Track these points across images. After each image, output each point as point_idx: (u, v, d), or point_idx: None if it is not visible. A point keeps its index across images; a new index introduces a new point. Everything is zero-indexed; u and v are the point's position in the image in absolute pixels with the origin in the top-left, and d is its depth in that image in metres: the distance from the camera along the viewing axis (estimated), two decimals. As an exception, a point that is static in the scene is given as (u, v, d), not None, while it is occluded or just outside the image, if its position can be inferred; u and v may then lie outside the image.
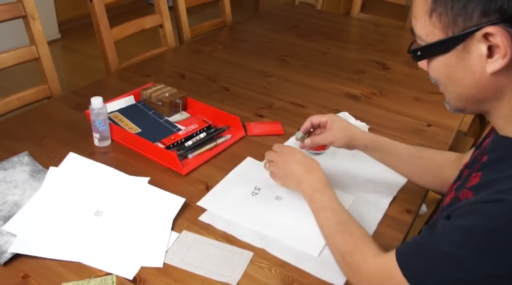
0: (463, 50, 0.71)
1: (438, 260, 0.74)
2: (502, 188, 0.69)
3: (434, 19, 0.71)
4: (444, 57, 0.73)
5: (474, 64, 0.70)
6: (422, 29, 0.74)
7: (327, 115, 1.21)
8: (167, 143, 1.33)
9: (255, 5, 5.32)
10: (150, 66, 1.91)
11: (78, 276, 0.95)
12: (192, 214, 1.12)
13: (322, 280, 0.96)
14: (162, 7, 2.06)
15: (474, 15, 0.67)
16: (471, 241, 0.69)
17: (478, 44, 0.68)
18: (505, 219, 0.66)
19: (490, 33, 0.66)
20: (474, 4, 0.66)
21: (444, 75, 0.76)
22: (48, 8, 4.04)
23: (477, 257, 0.69)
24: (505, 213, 0.66)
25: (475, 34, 0.68)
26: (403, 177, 1.24)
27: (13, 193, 1.15)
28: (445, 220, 0.76)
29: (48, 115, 1.53)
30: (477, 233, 0.69)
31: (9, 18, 1.58)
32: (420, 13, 0.73)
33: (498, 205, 0.68)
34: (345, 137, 1.17)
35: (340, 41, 2.24)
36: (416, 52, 0.76)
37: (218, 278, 0.95)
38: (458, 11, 0.68)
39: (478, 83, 0.72)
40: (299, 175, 1.10)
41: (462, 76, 0.73)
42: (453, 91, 0.77)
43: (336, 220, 0.99)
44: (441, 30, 0.71)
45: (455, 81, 0.75)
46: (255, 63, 1.96)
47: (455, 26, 0.69)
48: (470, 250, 0.69)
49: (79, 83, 2.86)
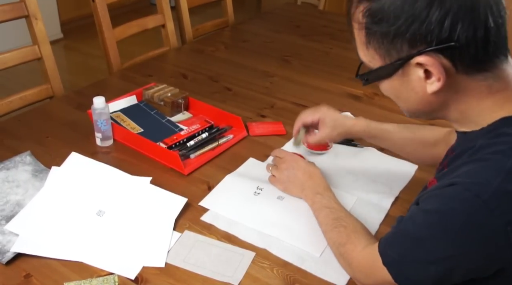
0: (403, 75, 0.77)
1: (408, 245, 0.79)
2: (457, 173, 0.75)
3: (371, 51, 0.77)
4: (388, 80, 0.80)
5: (415, 86, 0.77)
6: (364, 57, 0.81)
7: (317, 111, 1.23)
8: (169, 143, 1.33)
9: (257, 5, 5.32)
10: (152, 66, 1.91)
11: (80, 275, 0.95)
12: (194, 214, 1.12)
13: (324, 280, 0.96)
14: (164, 7, 2.06)
15: (403, 48, 0.73)
16: (431, 222, 0.75)
17: (415, 69, 0.74)
18: (456, 201, 0.72)
19: (421, 62, 0.72)
20: (401, 39, 0.72)
21: (392, 94, 0.83)
22: (51, 8, 4.05)
23: (437, 237, 0.74)
24: (457, 195, 0.72)
25: (409, 62, 0.73)
26: (404, 178, 1.26)
27: (15, 193, 1.15)
28: (414, 206, 0.81)
29: (51, 115, 1.53)
30: (435, 215, 0.74)
31: (11, 18, 1.59)
32: (359, 44, 0.80)
33: (452, 188, 0.73)
34: (340, 135, 1.23)
35: (342, 41, 2.24)
36: (363, 77, 0.83)
37: (220, 278, 0.95)
38: (389, 45, 0.74)
39: (423, 100, 0.78)
40: (302, 181, 1.15)
41: (407, 95, 0.80)
42: (403, 106, 0.84)
43: (333, 216, 1.03)
44: (379, 59, 0.77)
45: (403, 100, 0.82)
46: (257, 63, 1.96)
47: (390, 56, 0.75)
48: (430, 231, 0.75)
49: (81, 83, 2.86)
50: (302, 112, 1.26)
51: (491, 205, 0.68)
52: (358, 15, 0.76)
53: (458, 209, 0.71)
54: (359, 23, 0.76)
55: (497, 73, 0.74)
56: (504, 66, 0.75)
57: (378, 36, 0.74)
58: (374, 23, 0.74)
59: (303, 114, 1.26)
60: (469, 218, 0.70)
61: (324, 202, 1.08)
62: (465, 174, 0.73)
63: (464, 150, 0.79)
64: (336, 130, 1.21)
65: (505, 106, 0.76)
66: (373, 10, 0.73)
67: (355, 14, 0.76)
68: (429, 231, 0.75)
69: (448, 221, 0.72)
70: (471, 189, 0.70)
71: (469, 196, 0.70)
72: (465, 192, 0.70)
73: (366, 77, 0.82)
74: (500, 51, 0.73)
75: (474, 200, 0.69)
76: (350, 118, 1.23)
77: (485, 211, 0.68)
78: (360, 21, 0.76)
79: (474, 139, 0.77)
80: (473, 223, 0.70)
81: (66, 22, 4.28)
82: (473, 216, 0.70)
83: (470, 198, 0.69)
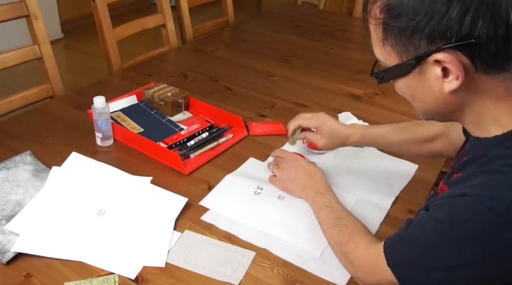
0: (420, 73, 0.74)
1: (415, 250, 0.78)
2: (470, 183, 0.74)
3: (388, 48, 0.76)
4: (404, 79, 0.77)
5: (432, 84, 0.75)
6: (380, 54, 0.78)
7: (315, 119, 1.23)
8: (169, 142, 1.33)
9: (257, 5, 5.32)
10: (153, 65, 1.91)
11: (81, 275, 0.95)
12: (195, 213, 1.12)
13: (325, 280, 0.96)
14: (164, 7, 2.06)
15: (421, 44, 0.71)
16: (441, 231, 0.74)
17: (433, 67, 0.72)
18: (469, 213, 0.70)
19: (439, 59, 0.70)
20: (420, 35, 0.70)
21: (407, 94, 0.81)
22: (51, 8, 4.05)
23: (446, 246, 0.73)
24: (470, 207, 0.70)
25: (427, 59, 0.72)
26: (405, 177, 1.27)
27: (15, 192, 1.15)
28: (423, 211, 0.80)
29: (51, 114, 1.54)
30: (445, 224, 0.73)
31: (12, 17, 1.59)
32: (375, 41, 0.78)
33: (464, 199, 0.72)
34: (336, 145, 1.23)
35: (343, 41, 2.24)
36: (378, 75, 0.81)
37: (220, 277, 0.95)
38: (407, 41, 0.72)
39: (439, 100, 0.76)
40: (303, 181, 1.15)
41: (423, 94, 0.77)
42: (419, 107, 0.82)
43: (334, 216, 1.03)
44: (396, 56, 0.76)
45: (418, 99, 0.80)
46: (257, 63, 1.96)
47: (408, 53, 0.74)
48: (439, 239, 0.73)
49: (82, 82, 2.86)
50: (300, 115, 1.26)
51: (504, 219, 0.67)
52: (375, 11, 0.74)
53: (470, 221, 0.70)
54: (376, 19, 0.74)
55: None
56: None
57: (396, 32, 0.72)
58: (392, 18, 0.72)
59: (301, 117, 1.25)
60: (481, 231, 0.69)
61: (325, 201, 1.08)
62: (479, 185, 0.72)
63: (476, 157, 0.77)
64: (332, 140, 1.21)
65: None
66: (392, 5, 0.71)
67: (372, 10, 0.75)
68: (439, 239, 0.74)
69: (460, 232, 0.71)
70: (484, 202, 0.69)
71: (482, 209, 0.69)
72: (478, 204, 0.69)
73: (381, 75, 0.80)
74: None
75: (487, 213, 0.68)
76: (346, 129, 1.22)
77: (498, 225, 0.68)
78: (377, 16, 0.74)
79: (488, 146, 0.76)
80: (484, 236, 0.69)
81: (67, 22, 4.28)
82: (485, 229, 0.69)
83: (483, 211, 0.68)
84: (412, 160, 1.32)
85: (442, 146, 1.14)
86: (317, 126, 1.22)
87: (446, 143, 1.12)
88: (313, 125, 1.23)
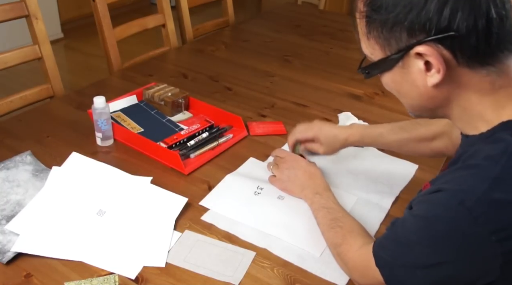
0: (403, 67, 0.75)
1: (398, 249, 0.78)
2: (446, 179, 0.74)
3: (372, 41, 0.76)
4: (389, 73, 0.78)
5: (416, 78, 0.75)
6: (366, 49, 0.79)
7: (311, 129, 1.24)
8: (169, 142, 1.33)
9: (257, 5, 5.32)
10: (153, 65, 1.91)
11: (81, 275, 0.95)
12: (195, 213, 1.12)
13: (325, 279, 0.96)
14: (164, 7, 2.06)
15: (402, 37, 0.71)
16: (418, 228, 0.74)
17: (415, 60, 0.73)
18: (442, 208, 0.71)
19: (420, 52, 0.70)
20: (400, 28, 0.71)
21: (394, 89, 0.81)
22: (51, 8, 4.05)
23: (423, 243, 0.73)
24: (443, 202, 0.71)
25: (409, 52, 0.72)
26: (405, 177, 1.26)
27: (15, 192, 1.15)
28: (407, 210, 0.81)
29: (51, 114, 1.54)
30: (421, 221, 0.74)
31: (12, 17, 1.59)
32: (361, 35, 0.79)
33: (438, 195, 0.72)
34: (336, 150, 1.24)
35: (343, 41, 2.24)
36: (364, 70, 0.81)
37: (220, 277, 0.95)
38: (388, 34, 0.73)
39: (423, 95, 0.76)
40: (303, 181, 1.15)
41: (408, 89, 0.78)
42: (405, 102, 0.83)
43: (330, 217, 1.03)
44: (380, 50, 0.76)
45: (404, 94, 0.80)
46: (257, 63, 1.96)
47: (390, 47, 0.74)
48: (418, 237, 0.74)
49: (82, 82, 2.86)
50: (296, 129, 1.27)
51: (475, 213, 0.67)
52: (359, 4, 0.76)
53: (442, 216, 0.70)
54: (360, 12, 0.76)
55: (501, 68, 0.72)
56: (509, 61, 0.72)
57: (378, 25, 0.73)
58: (374, 11, 0.73)
59: (296, 131, 1.26)
60: (452, 226, 0.69)
61: (322, 202, 1.08)
62: (453, 180, 0.72)
63: (461, 155, 0.78)
64: (331, 146, 1.22)
65: (508, 106, 0.73)
66: None
67: (357, 4, 0.76)
68: (416, 236, 0.74)
69: (433, 228, 0.71)
70: (456, 196, 0.69)
71: (454, 204, 0.69)
72: (450, 199, 0.70)
73: (367, 70, 0.81)
74: (504, 45, 0.70)
75: (458, 208, 0.68)
76: (344, 131, 1.22)
77: (469, 220, 0.67)
78: (361, 10, 0.75)
79: (473, 143, 0.76)
80: (457, 231, 0.69)
81: (67, 22, 4.28)
82: (457, 224, 0.69)
83: (454, 205, 0.69)
84: (412, 160, 1.32)
85: (443, 145, 1.13)
86: (314, 136, 1.23)
87: (447, 142, 1.12)
88: (310, 136, 1.24)
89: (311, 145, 1.26)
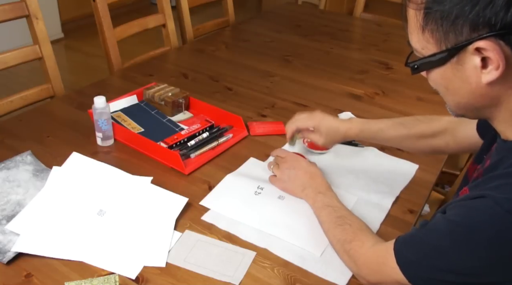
0: (458, 63, 0.72)
1: (427, 251, 0.77)
2: (490, 185, 0.72)
3: (427, 35, 0.73)
4: (440, 69, 0.75)
5: (469, 75, 0.72)
6: (417, 43, 0.76)
7: (312, 119, 1.23)
8: (169, 142, 1.33)
9: (258, 5, 5.32)
10: (153, 65, 1.91)
11: (81, 275, 0.95)
12: (195, 213, 1.12)
13: (325, 279, 0.96)
14: (165, 7, 2.06)
15: (464, 31, 0.68)
16: (455, 233, 0.73)
17: (472, 56, 0.70)
18: (485, 215, 0.69)
19: (481, 47, 0.68)
20: (463, 21, 0.67)
21: (442, 85, 0.78)
22: (51, 8, 4.05)
23: (460, 248, 0.72)
24: (486, 209, 0.69)
25: (467, 48, 0.69)
26: (405, 177, 1.26)
27: (16, 192, 1.15)
28: (440, 213, 0.79)
29: (51, 114, 1.54)
30: (460, 226, 0.72)
31: (12, 17, 1.59)
32: (413, 28, 0.75)
33: (481, 201, 0.71)
34: (335, 142, 1.25)
35: (343, 41, 2.24)
36: (413, 65, 0.78)
37: (220, 277, 0.95)
38: (448, 27, 0.69)
39: (475, 92, 0.73)
40: (304, 181, 1.15)
41: (459, 86, 0.74)
42: (452, 100, 0.79)
43: (336, 215, 1.03)
44: (434, 44, 0.73)
45: (453, 91, 0.77)
46: (258, 63, 1.96)
47: (447, 41, 0.71)
48: (453, 242, 0.73)
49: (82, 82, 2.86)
50: (297, 116, 1.26)
51: None
52: None
53: (486, 223, 0.69)
54: (419, 3, 0.71)
55: None
56: None
57: (438, 17, 0.69)
58: (435, 2, 0.69)
59: (297, 119, 1.25)
60: (497, 234, 0.68)
61: (326, 200, 1.08)
62: (498, 187, 0.70)
63: (501, 161, 0.75)
64: (331, 137, 1.22)
65: None
66: None
67: None
68: (452, 241, 0.73)
69: (474, 235, 0.70)
70: (502, 204, 0.68)
71: (500, 211, 0.67)
72: (495, 207, 0.68)
73: (416, 64, 0.77)
74: None
75: (505, 216, 0.67)
76: (344, 124, 1.21)
77: None
78: (419, 1, 0.71)
79: None
80: (501, 238, 0.68)
81: (67, 22, 4.28)
82: (503, 232, 0.68)
83: (501, 213, 0.67)
84: (412, 160, 1.32)
85: (443, 143, 1.13)
86: (314, 126, 1.22)
87: (448, 140, 1.12)
88: (311, 125, 1.23)
89: (309, 135, 1.25)
